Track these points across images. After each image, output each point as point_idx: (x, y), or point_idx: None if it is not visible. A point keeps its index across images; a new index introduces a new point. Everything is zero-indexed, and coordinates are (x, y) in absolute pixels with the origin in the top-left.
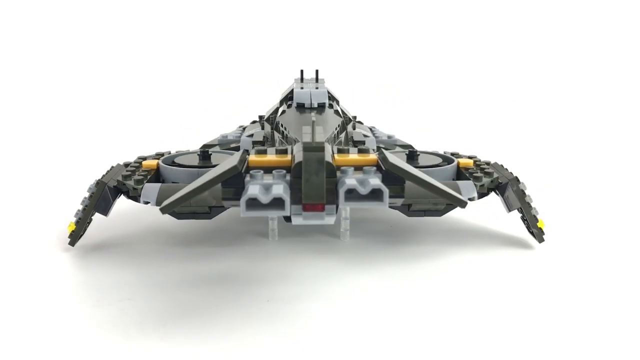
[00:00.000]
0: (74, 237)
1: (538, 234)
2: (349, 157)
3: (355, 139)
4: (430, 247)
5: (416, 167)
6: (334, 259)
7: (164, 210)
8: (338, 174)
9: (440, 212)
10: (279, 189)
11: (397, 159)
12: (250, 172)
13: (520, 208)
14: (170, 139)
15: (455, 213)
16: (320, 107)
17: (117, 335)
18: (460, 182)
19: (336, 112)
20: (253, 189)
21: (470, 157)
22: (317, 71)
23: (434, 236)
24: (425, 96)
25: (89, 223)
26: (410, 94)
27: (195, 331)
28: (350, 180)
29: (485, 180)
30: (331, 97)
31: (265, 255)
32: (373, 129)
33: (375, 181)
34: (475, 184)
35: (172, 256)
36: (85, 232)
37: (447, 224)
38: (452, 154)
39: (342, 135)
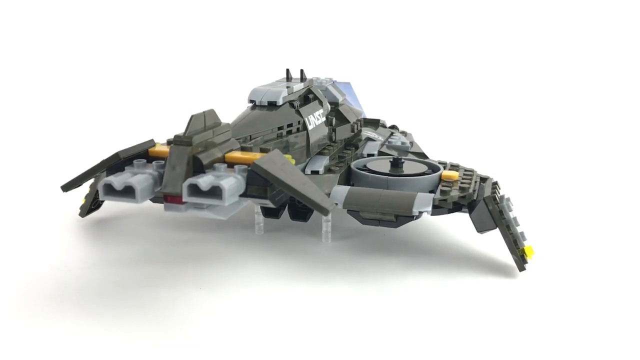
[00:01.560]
0: (83, 209)
1: (518, 261)
2: (235, 155)
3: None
4: (408, 259)
5: (400, 175)
6: (303, 258)
7: (64, 189)
8: (211, 170)
9: (395, 224)
10: (135, 178)
11: (269, 161)
12: (134, 161)
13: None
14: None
15: (458, 224)
16: (271, 105)
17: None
18: (420, 194)
19: (298, 112)
20: (113, 176)
21: (466, 170)
22: (301, 70)
23: (418, 248)
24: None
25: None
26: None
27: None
28: (200, 177)
29: (454, 194)
30: (306, 98)
31: (240, 246)
32: (394, 133)
33: (212, 179)
34: (435, 198)
35: (154, 238)
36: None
37: (445, 236)
38: (451, 165)
39: (297, 135)
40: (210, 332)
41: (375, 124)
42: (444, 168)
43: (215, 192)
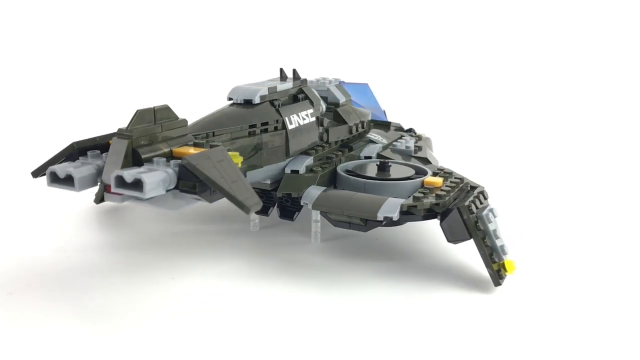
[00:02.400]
0: (97, 196)
1: (493, 275)
2: (181, 150)
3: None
4: (390, 265)
5: (378, 179)
6: (284, 257)
7: (33, 174)
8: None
9: (364, 228)
10: (76, 168)
11: (202, 157)
12: (88, 152)
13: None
14: None
15: None
16: (247, 103)
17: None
18: (390, 199)
19: (278, 111)
20: (59, 164)
21: (456, 177)
22: (294, 70)
23: (406, 254)
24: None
25: None
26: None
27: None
28: (128, 169)
29: (426, 201)
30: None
31: (231, 240)
32: (403, 136)
33: (135, 172)
34: (404, 204)
35: (154, 227)
36: None
37: (440, 242)
38: (444, 172)
39: (274, 134)
40: (162, 321)
41: (386, 126)
42: (436, 174)
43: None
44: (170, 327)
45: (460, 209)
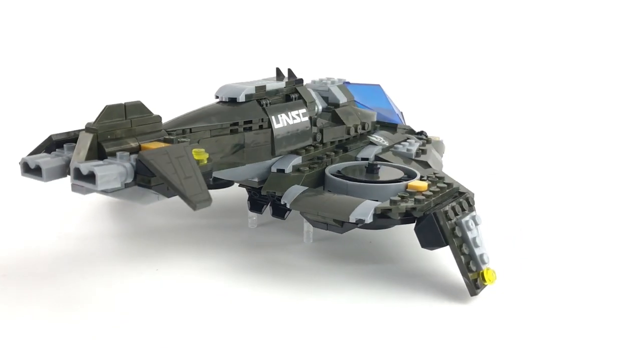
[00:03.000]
0: None
1: (469, 284)
2: (148, 145)
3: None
4: (372, 269)
5: (369, 181)
6: (268, 255)
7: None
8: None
9: (340, 229)
10: (45, 159)
11: (159, 153)
12: (64, 144)
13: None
14: None
15: None
16: (232, 101)
17: None
18: (365, 202)
19: (265, 110)
20: (30, 155)
21: (445, 182)
22: (289, 70)
23: (394, 258)
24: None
25: None
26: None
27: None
28: (86, 162)
29: (402, 205)
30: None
31: (225, 236)
32: (409, 139)
33: (91, 165)
34: (377, 207)
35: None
36: None
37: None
38: (436, 176)
39: (259, 132)
40: (129, 310)
41: (393, 128)
42: (425, 178)
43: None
44: (134, 318)
45: (437, 215)
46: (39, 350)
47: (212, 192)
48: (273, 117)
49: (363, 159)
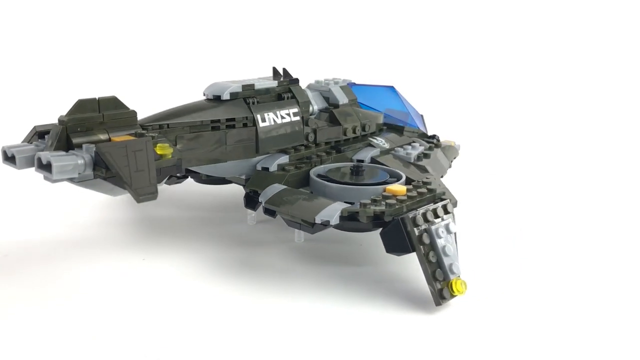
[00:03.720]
0: None
1: (434, 294)
2: (115, 138)
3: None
4: (347, 272)
5: (347, 183)
6: (252, 253)
7: None
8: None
9: (311, 230)
10: (18, 148)
11: (117, 146)
12: (46, 135)
13: None
14: None
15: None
16: (216, 99)
17: None
18: (336, 203)
19: (249, 108)
20: (8, 145)
21: (428, 188)
22: (284, 69)
23: (379, 261)
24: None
25: None
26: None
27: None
28: (47, 152)
29: (370, 209)
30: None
31: (219, 230)
32: (414, 143)
33: (49, 155)
34: (344, 210)
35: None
36: None
37: None
38: (423, 182)
39: (242, 130)
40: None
41: (399, 130)
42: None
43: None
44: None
45: (404, 220)
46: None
47: (220, 187)
48: (258, 116)
49: (358, 161)
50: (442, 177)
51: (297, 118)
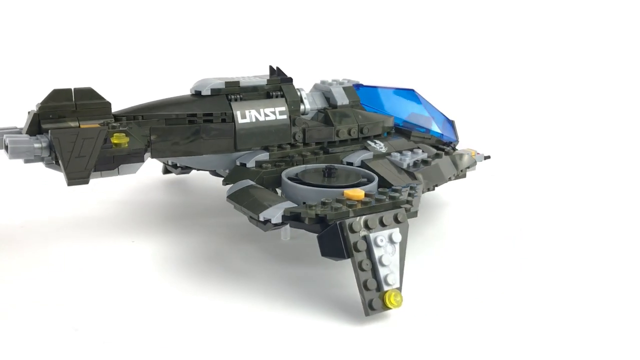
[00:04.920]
0: (163, 168)
1: (364, 304)
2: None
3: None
4: (328, 272)
5: (307, 184)
6: (229, 250)
7: None
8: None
9: (263, 227)
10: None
11: (66, 133)
12: None
13: None
14: None
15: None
16: (197, 94)
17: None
18: (284, 203)
19: (233, 105)
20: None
21: (391, 196)
22: (278, 68)
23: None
24: None
25: None
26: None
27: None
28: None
29: (311, 211)
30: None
31: (212, 222)
32: (416, 149)
33: (6, 138)
34: (287, 209)
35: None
36: None
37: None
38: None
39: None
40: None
41: (407, 135)
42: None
43: None
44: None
45: (342, 225)
46: None
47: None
48: (238, 112)
49: (348, 164)
50: (436, 185)
51: (284, 117)
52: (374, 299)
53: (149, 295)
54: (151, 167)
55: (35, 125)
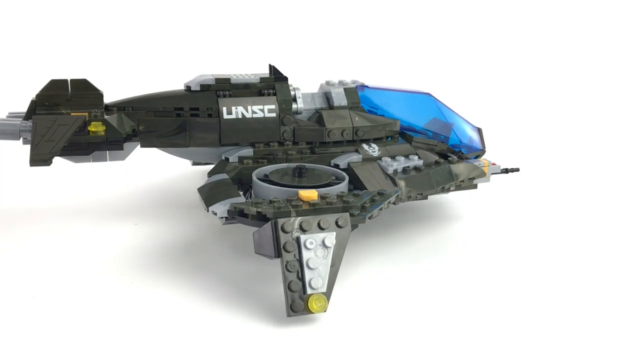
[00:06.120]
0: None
1: (286, 305)
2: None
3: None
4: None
5: (271, 182)
6: (205, 242)
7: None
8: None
9: (222, 221)
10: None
11: (45, 119)
12: None
13: None
14: None
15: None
16: (187, 89)
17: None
18: (235, 199)
19: (220, 100)
20: None
21: (345, 200)
22: (273, 67)
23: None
24: None
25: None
26: None
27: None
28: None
29: (252, 208)
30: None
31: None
32: (412, 155)
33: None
34: (232, 204)
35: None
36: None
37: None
38: (355, 193)
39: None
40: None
41: (409, 140)
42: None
43: None
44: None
45: (275, 224)
46: None
47: None
48: (224, 108)
49: (335, 165)
50: (421, 194)
51: (273, 114)
52: (295, 301)
53: (99, 281)
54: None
55: (32, 112)
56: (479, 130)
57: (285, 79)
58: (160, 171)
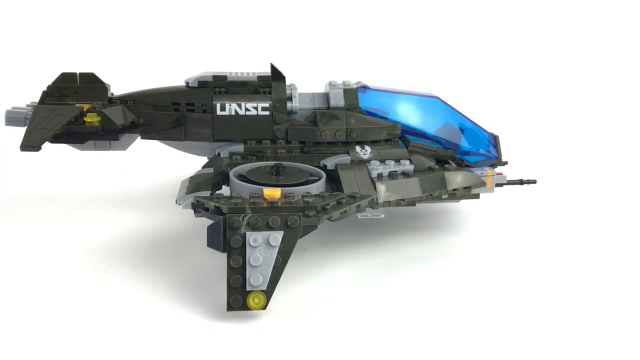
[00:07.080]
0: None
1: (227, 300)
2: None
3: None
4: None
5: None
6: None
7: None
8: None
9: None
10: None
11: (44, 109)
12: None
13: None
14: None
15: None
16: (186, 84)
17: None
18: (201, 192)
19: (214, 97)
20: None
21: (306, 200)
22: (272, 65)
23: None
24: None
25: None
26: None
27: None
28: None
29: (211, 202)
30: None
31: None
32: (404, 159)
33: (7, 107)
34: (196, 197)
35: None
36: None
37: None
38: (322, 194)
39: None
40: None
41: (405, 144)
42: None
43: None
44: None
45: (226, 219)
46: None
47: None
48: (218, 104)
49: (323, 166)
50: (402, 200)
51: (266, 113)
52: (234, 297)
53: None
54: None
55: (42, 102)
56: (496, 138)
57: (283, 78)
58: (170, 166)
